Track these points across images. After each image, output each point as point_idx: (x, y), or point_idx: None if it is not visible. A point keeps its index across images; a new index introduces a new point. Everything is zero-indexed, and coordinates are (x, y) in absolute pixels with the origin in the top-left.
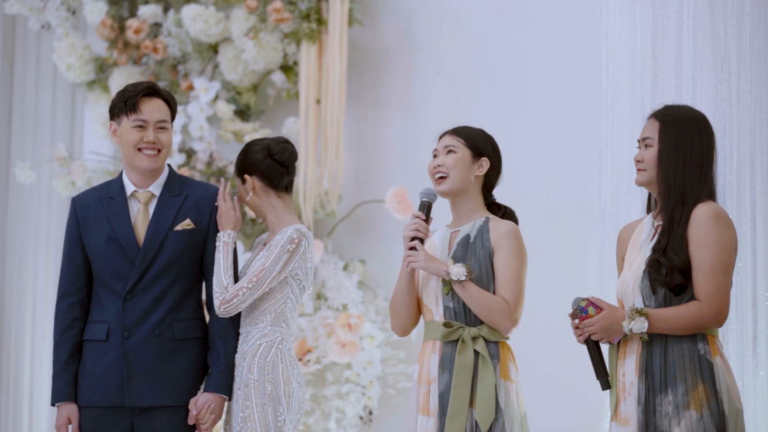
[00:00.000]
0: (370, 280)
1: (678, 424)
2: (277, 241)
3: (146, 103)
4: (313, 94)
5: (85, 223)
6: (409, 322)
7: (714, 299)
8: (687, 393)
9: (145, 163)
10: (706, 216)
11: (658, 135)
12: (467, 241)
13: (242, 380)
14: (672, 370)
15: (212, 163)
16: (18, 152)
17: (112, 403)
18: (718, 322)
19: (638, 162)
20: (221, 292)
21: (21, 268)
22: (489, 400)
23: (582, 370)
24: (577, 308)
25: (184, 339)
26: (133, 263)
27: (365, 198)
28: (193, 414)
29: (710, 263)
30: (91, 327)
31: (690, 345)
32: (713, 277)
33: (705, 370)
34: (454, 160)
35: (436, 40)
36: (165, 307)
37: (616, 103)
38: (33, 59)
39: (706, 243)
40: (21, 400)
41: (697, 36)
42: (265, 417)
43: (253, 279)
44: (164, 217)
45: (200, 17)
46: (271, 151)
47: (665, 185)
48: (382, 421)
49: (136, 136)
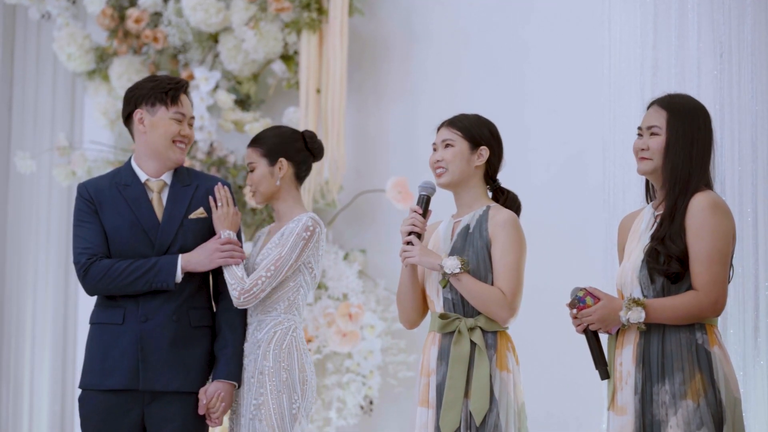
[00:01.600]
0: (370, 269)
1: (674, 414)
2: (292, 229)
3: (184, 98)
4: (313, 83)
5: (101, 208)
6: (415, 315)
7: (711, 289)
8: (684, 382)
9: (178, 156)
10: (703, 205)
11: (666, 124)
12: (467, 231)
13: (256, 368)
14: (669, 359)
15: (212, 153)
16: (18, 142)
17: (126, 385)
18: (715, 311)
19: (643, 150)
20: (238, 283)
21: (21, 257)
22: (483, 390)
23: (582, 359)
24: (575, 298)
25: (199, 326)
26: (153, 247)
27: (366, 187)
28: (204, 403)
29: (707, 253)
30: (106, 311)
31: (688, 335)
32: (710, 266)
33: (702, 360)
34: (452, 154)
35: (436, 29)
36: (183, 295)
37: (618, 92)
38: (33, 49)
39: (702, 233)
40: (21, 391)
41: (699, 26)
42: (280, 404)
43: (271, 268)
44: (178, 206)
45: (200, 6)
46: (308, 142)
47: (671, 175)
48: (383, 410)
49: (175, 128)
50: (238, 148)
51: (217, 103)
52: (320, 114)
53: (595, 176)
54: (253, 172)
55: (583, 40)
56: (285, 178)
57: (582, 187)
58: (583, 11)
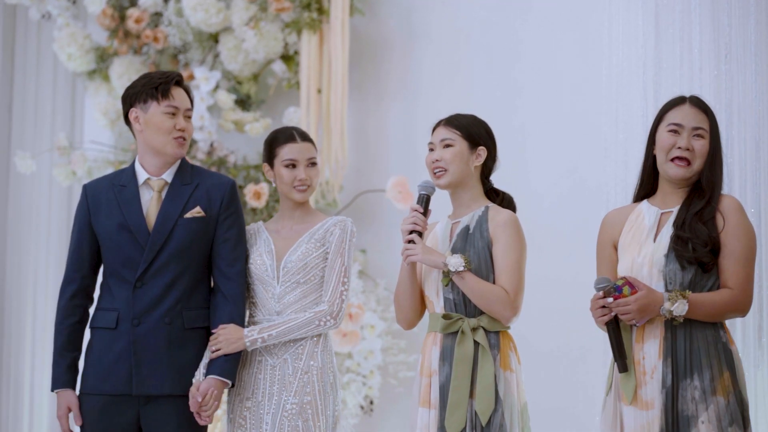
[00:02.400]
0: (370, 269)
1: (705, 410)
2: (341, 236)
3: (176, 91)
4: (314, 83)
5: (96, 211)
6: (413, 315)
7: (745, 288)
8: (713, 379)
9: (177, 150)
10: (736, 206)
11: (710, 128)
12: (467, 231)
13: (300, 367)
14: (697, 355)
15: (213, 153)
16: (18, 142)
17: (120, 391)
18: (744, 310)
19: (687, 151)
20: (319, 317)
21: (21, 257)
22: (488, 390)
23: (582, 359)
24: (610, 287)
25: (193, 328)
26: (144, 250)
27: (366, 187)
28: (198, 400)
29: (743, 253)
30: (100, 314)
31: (713, 332)
32: (745, 266)
33: (729, 358)
34: (452, 154)
35: (436, 29)
36: (175, 295)
37: (619, 92)
38: (33, 49)
39: (738, 232)
40: (22, 389)
41: (700, 26)
42: (326, 405)
43: (343, 279)
44: (174, 205)
45: (201, 6)
46: None
47: (709, 180)
48: (383, 410)
49: (169, 123)
50: (239, 148)
51: (217, 103)
52: (321, 114)
53: (596, 176)
54: (312, 168)
55: (584, 39)
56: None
57: (583, 186)
58: (584, 10)
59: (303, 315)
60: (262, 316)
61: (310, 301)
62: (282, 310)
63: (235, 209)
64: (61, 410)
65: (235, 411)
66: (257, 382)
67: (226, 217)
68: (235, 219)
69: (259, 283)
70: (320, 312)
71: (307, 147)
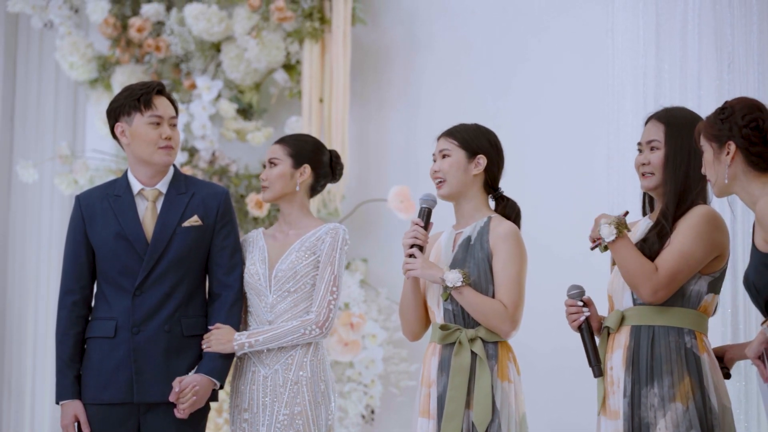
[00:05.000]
0: (372, 278)
1: (663, 416)
2: (332, 244)
3: (159, 100)
4: (315, 93)
5: (91, 221)
6: (418, 326)
7: (662, 280)
8: (673, 386)
9: (164, 159)
10: (699, 212)
11: (664, 137)
12: (468, 242)
13: (290, 377)
14: (659, 362)
15: (214, 162)
16: (21, 150)
17: (121, 399)
18: (655, 299)
19: (644, 165)
20: (305, 326)
21: (23, 266)
22: (485, 401)
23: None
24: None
25: (192, 336)
26: (142, 259)
27: (368, 197)
28: (176, 391)
29: (678, 247)
30: (97, 324)
31: (677, 338)
32: (676, 259)
33: (691, 364)
34: (449, 164)
35: (438, 39)
36: (174, 304)
37: (621, 102)
38: (36, 57)
39: (683, 230)
40: (23, 398)
41: (702, 35)
42: (318, 415)
43: (332, 289)
44: (172, 214)
45: (203, 16)
46: (334, 160)
47: (672, 188)
48: (384, 419)
49: (154, 133)
50: (240, 157)
51: (219, 112)
52: (322, 123)
53: (599, 186)
54: (273, 168)
55: (586, 49)
56: (303, 185)
57: (585, 196)
58: (587, 21)
59: (290, 323)
60: (256, 325)
61: (301, 310)
62: (274, 320)
63: (231, 218)
64: (67, 419)
65: (235, 422)
66: (252, 393)
67: (223, 226)
68: (231, 228)
69: (253, 292)
70: (307, 321)
71: (274, 148)
